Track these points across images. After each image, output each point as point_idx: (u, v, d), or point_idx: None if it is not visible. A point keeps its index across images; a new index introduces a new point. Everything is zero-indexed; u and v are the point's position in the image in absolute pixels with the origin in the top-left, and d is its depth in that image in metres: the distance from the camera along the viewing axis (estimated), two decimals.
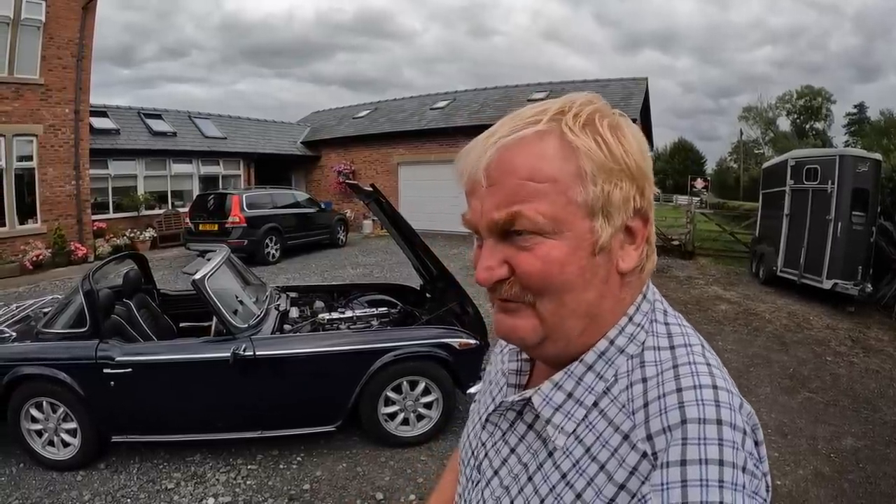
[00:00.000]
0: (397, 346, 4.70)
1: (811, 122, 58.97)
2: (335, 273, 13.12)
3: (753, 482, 0.69)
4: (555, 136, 0.77)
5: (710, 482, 0.66)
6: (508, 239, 0.79)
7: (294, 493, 4.25)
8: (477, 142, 0.82)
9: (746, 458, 0.69)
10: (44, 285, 11.74)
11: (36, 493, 4.24)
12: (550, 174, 0.76)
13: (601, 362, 0.82)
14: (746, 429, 0.72)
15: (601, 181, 0.76)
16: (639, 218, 0.82)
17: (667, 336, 0.83)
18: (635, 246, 0.83)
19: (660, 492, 0.68)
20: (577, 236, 0.77)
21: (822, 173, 10.26)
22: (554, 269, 0.77)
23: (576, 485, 0.77)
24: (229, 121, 24.00)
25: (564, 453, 0.81)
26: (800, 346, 7.63)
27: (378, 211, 5.19)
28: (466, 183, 0.83)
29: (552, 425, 0.83)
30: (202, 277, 4.53)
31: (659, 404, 0.74)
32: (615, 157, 0.77)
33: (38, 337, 4.64)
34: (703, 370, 0.76)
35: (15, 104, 13.82)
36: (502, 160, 0.77)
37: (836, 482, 4.35)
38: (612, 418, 0.78)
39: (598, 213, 0.77)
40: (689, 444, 0.68)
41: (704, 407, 0.71)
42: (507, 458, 0.91)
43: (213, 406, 4.61)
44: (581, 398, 0.82)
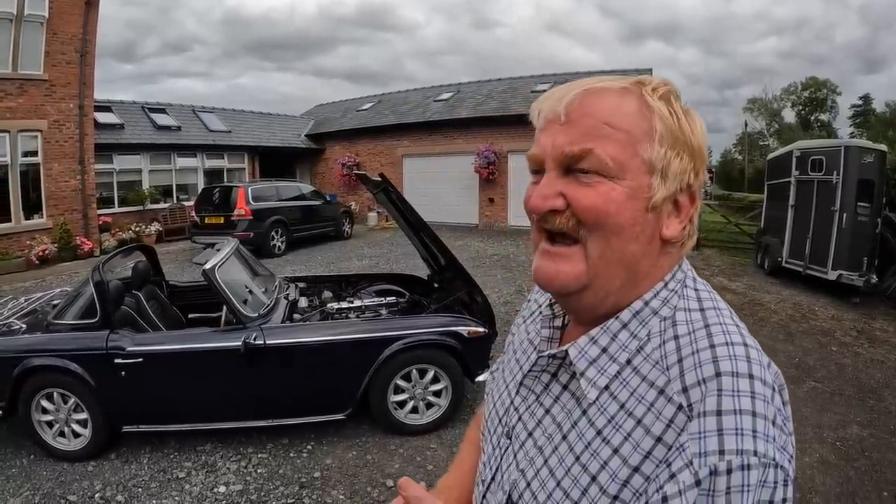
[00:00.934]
0: (406, 334, 4.72)
1: (816, 114, 58.65)
2: (341, 265, 13.13)
3: (782, 437, 0.72)
4: (635, 95, 0.84)
5: (745, 431, 0.69)
6: (571, 174, 0.84)
7: (305, 481, 4.27)
8: (559, 87, 0.87)
9: (776, 412, 0.73)
10: (50, 280, 11.80)
11: (47, 484, 4.26)
12: (626, 125, 0.82)
13: (635, 322, 0.86)
14: (775, 386, 0.76)
15: (667, 146, 0.82)
16: (687, 195, 0.87)
17: (697, 300, 0.87)
18: (679, 219, 0.87)
19: (697, 439, 0.70)
20: (636, 186, 0.82)
21: (827, 164, 10.21)
22: (611, 208, 0.81)
23: (612, 440, 0.79)
24: (233, 114, 24.01)
25: (599, 410, 0.83)
26: (805, 337, 7.64)
27: (386, 201, 5.19)
28: (542, 121, 0.88)
29: (586, 378, 0.86)
30: (212, 267, 4.55)
31: (693, 359, 0.77)
32: (683, 130, 0.84)
33: (49, 328, 4.66)
34: (734, 330, 0.81)
35: (19, 100, 13.81)
36: (584, 102, 0.83)
37: (842, 470, 4.36)
38: (645, 375, 0.81)
39: (658, 173, 0.83)
40: (724, 395, 0.72)
41: (737, 362, 0.75)
42: (542, 420, 0.93)
43: (223, 395, 4.63)
44: (615, 354, 0.85)
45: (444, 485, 1.23)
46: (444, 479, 1.25)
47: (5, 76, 13.50)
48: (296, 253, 15.07)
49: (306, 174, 25.39)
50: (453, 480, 1.22)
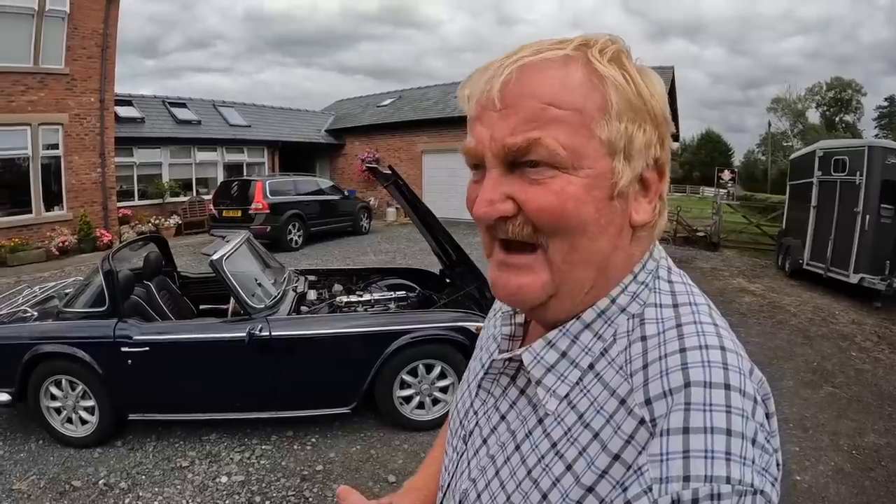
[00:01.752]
0: (414, 328, 4.69)
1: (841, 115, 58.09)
2: (357, 260, 13.15)
3: (764, 457, 0.62)
4: (581, 63, 0.71)
5: (717, 453, 0.59)
6: (517, 171, 0.72)
7: (307, 474, 4.27)
8: (491, 63, 0.75)
9: (757, 429, 0.62)
10: (69, 270, 11.89)
11: (53, 469, 4.31)
12: (575, 103, 0.69)
13: (600, 321, 0.76)
14: (757, 397, 0.65)
15: (626, 119, 0.70)
16: (655, 169, 0.75)
17: (670, 294, 0.76)
18: (648, 199, 0.76)
19: (658, 462, 0.61)
20: (596, 174, 0.70)
21: (850, 165, 10.03)
22: (569, 206, 0.69)
23: (566, 455, 0.71)
24: (254, 109, 24.14)
25: (556, 420, 0.74)
26: (824, 341, 7.48)
27: (397, 194, 5.18)
28: (474, 106, 0.75)
29: (543, 387, 0.77)
30: (220, 258, 4.57)
31: (660, 365, 0.67)
32: (642, 97, 0.71)
33: (59, 316, 4.71)
34: (710, 330, 0.70)
35: (41, 94, 14.01)
36: (522, 81, 0.70)
37: (857, 479, 4.25)
38: (608, 381, 0.71)
39: (620, 153, 0.71)
40: (693, 409, 0.61)
41: (711, 369, 0.64)
42: (497, 426, 0.84)
43: (228, 386, 4.64)
44: (576, 359, 0.75)
45: (410, 486, 1.17)
46: (410, 481, 1.19)
47: (27, 70, 13.70)
48: (313, 247, 15.11)
49: (326, 169, 25.49)
50: (420, 482, 1.16)
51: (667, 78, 19.06)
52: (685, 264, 12.96)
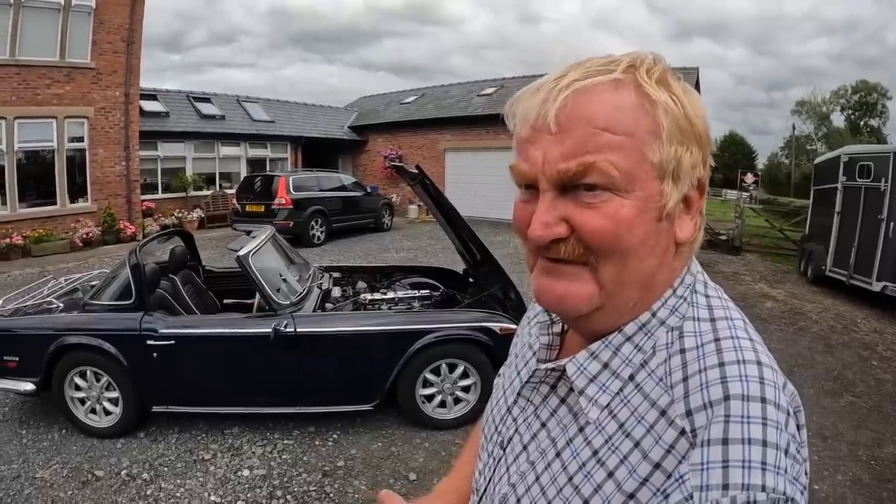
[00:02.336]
0: (438, 327, 4.69)
1: (866, 119, 57.35)
2: (379, 257, 13.19)
3: (795, 467, 0.65)
4: (632, 86, 0.72)
5: (753, 463, 0.62)
6: (570, 193, 0.73)
7: (328, 470, 4.29)
8: (542, 85, 0.75)
9: (789, 440, 0.65)
10: (92, 262, 12.03)
11: (76, 459, 4.36)
12: (628, 127, 0.70)
13: (641, 334, 0.78)
14: (790, 410, 0.68)
15: (675, 142, 0.72)
16: (698, 188, 0.77)
17: (707, 308, 0.78)
18: (690, 216, 0.78)
19: (699, 472, 0.63)
20: (647, 197, 0.72)
21: (875, 170, 9.83)
22: (623, 230, 0.71)
23: (608, 462, 0.72)
24: (277, 105, 24.23)
25: (597, 428, 0.76)
26: (845, 349, 7.39)
27: (423, 193, 5.17)
28: (526, 129, 0.75)
29: (585, 397, 0.79)
30: (246, 254, 4.60)
31: (700, 378, 0.69)
32: (689, 119, 0.73)
33: (85, 308, 4.77)
34: (747, 345, 0.72)
35: (67, 87, 14.20)
36: (576, 106, 0.71)
37: (875, 490, 4.20)
38: (648, 392, 0.73)
39: (669, 176, 0.73)
40: (732, 421, 0.64)
41: (749, 383, 0.67)
42: (537, 434, 0.86)
43: (252, 381, 4.66)
44: (618, 370, 0.77)
45: (441, 489, 1.18)
46: (442, 484, 1.20)
47: (53, 64, 13.90)
48: (335, 243, 15.16)
49: (348, 165, 25.52)
50: (451, 485, 1.17)
51: (691, 79, 18.89)
52: (707, 268, 12.61)
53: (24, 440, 4.63)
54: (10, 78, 13.19)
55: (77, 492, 3.95)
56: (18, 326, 4.74)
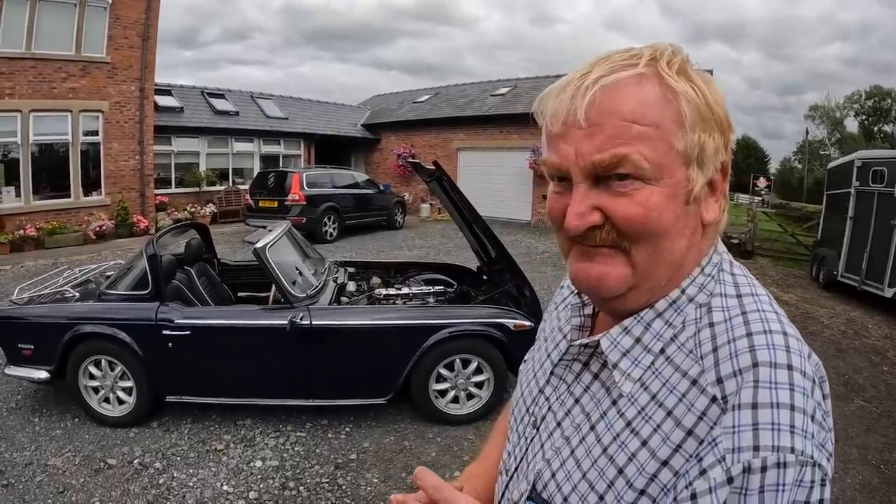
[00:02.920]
0: (452, 323, 4.69)
1: (880, 125, 56.93)
2: (391, 254, 13.21)
3: (821, 433, 0.68)
4: (654, 79, 0.75)
5: (783, 426, 0.64)
6: (602, 184, 0.77)
7: (340, 462, 4.29)
8: (569, 81, 0.78)
9: (815, 406, 0.68)
10: (105, 254, 12.10)
11: (88, 447, 4.39)
12: (654, 118, 0.74)
13: (671, 310, 0.81)
14: (815, 378, 0.71)
15: (699, 129, 0.75)
16: (722, 171, 0.81)
17: (734, 285, 0.82)
18: (715, 198, 0.81)
19: (731, 434, 0.66)
20: (675, 183, 0.76)
21: (889, 176, 9.76)
22: (653, 215, 0.75)
23: (641, 432, 0.75)
24: (291, 101, 24.33)
25: (629, 401, 0.79)
26: (856, 354, 7.36)
27: (439, 190, 5.17)
28: (558, 125, 0.78)
29: (619, 370, 0.82)
30: (263, 246, 4.61)
31: (729, 348, 0.72)
32: (710, 106, 0.76)
33: (101, 298, 4.79)
34: (773, 317, 0.75)
35: (82, 81, 14.28)
36: (605, 101, 0.74)
37: (885, 494, 4.18)
38: (679, 364, 0.76)
39: (694, 162, 0.76)
40: (761, 386, 0.67)
41: (776, 351, 0.70)
42: (571, 409, 0.89)
43: (266, 372, 4.68)
44: (649, 344, 0.81)
45: (469, 473, 1.20)
46: (470, 468, 1.22)
47: (69, 58, 13.98)
48: (347, 240, 15.20)
49: (361, 163, 25.54)
50: (479, 469, 1.19)
51: None
52: None
53: (36, 428, 4.65)
54: (25, 71, 13.25)
55: (89, 479, 3.97)
56: (34, 315, 4.76)
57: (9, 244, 12.55)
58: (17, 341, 4.68)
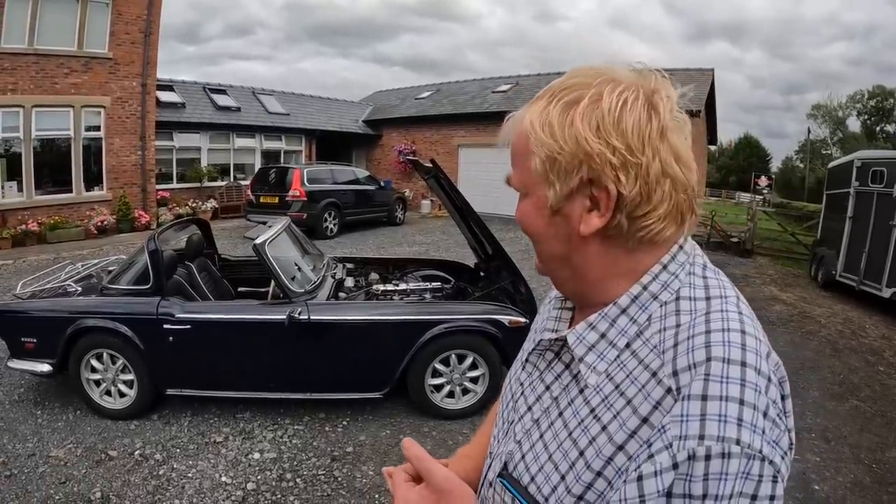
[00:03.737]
0: (448, 318, 4.75)
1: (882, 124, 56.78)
2: (391, 250, 13.27)
3: (775, 431, 0.71)
4: (523, 122, 0.90)
5: (730, 418, 0.68)
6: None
7: (337, 455, 4.36)
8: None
9: (769, 404, 0.71)
10: (107, 249, 12.17)
11: (90, 439, 4.46)
12: (518, 150, 0.91)
13: (634, 307, 0.87)
14: (772, 377, 0.74)
15: (543, 156, 0.85)
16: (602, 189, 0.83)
17: (704, 288, 0.86)
18: (600, 213, 0.84)
19: (679, 422, 0.70)
20: (537, 198, 0.89)
21: (888, 176, 9.78)
22: (525, 219, 0.93)
23: (602, 417, 0.81)
24: (292, 97, 24.34)
25: (595, 390, 0.85)
26: (852, 354, 7.40)
27: (437, 187, 5.23)
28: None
29: (585, 364, 0.88)
30: (263, 242, 4.67)
31: (687, 344, 0.77)
32: (555, 137, 0.84)
33: (103, 292, 4.86)
34: (734, 317, 0.79)
35: (84, 77, 14.33)
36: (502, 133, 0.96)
37: (875, 493, 4.21)
38: (643, 358, 0.81)
39: (547, 182, 0.87)
40: (712, 380, 0.71)
41: (731, 348, 0.74)
42: (541, 395, 0.95)
43: (265, 366, 4.75)
44: (614, 340, 0.86)
45: (461, 453, 1.26)
46: (463, 448, 1.28)
47: (71, 54, 14.03)
48: (348, 236, 15.27)
49: (362, 159, 25.55)
50: (471, 451, 1.24)
51: (706, 80, 18.86)
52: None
53: (39, 420, 4.72)
54: (27, 67, 13.29)
55: (90, 470, 4.04)
56: (37, 309, 4.83)
57: (10, 239, 12.62)
58: (21, 335, 4.75)
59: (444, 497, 0.89)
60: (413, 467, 0.95)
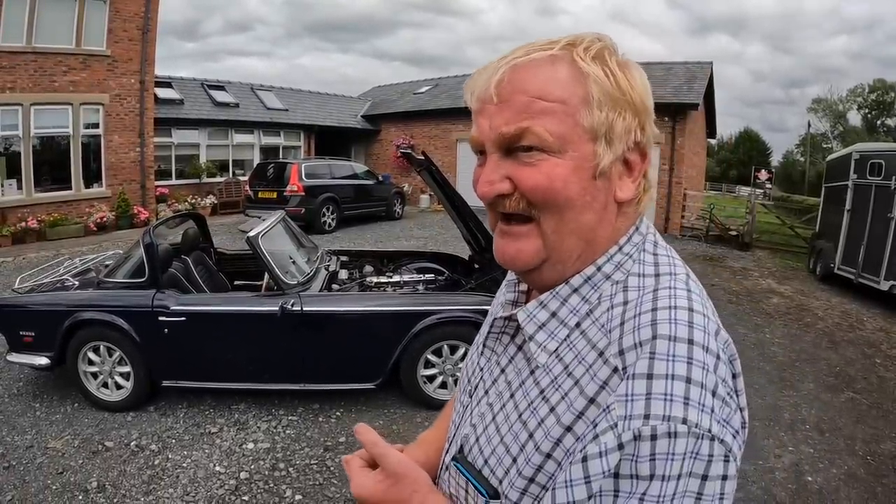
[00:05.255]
0: (440, 310, 4.80)
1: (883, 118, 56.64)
2: (389, 244, 13.30)
3: (725, 409, 0.70)
4: (566, 61, 0.81)
5: (675, 397, 0.67)
6: (512, 155, 0.83)
7: (329, 445, 4.43)
8: (490, 64, 0.86)
9: (718, 382, 0.71)
10: (106, 245, 12.20)
11: (87, 430, 4.53)
12: (560, 95, 0.79)
13: (587, 286, 0.86)
14: (721, 355, 0.74)
15: (607, 108, 0.80)
16: (637, 152, 0.85)
17: (653, 265, 0.86)
18: (632, 178, 0.86)
19: (624, 402, 0.69)
20: (581, 157, 0.80)
21: (886, 169, 9.77)
22: (557, 185, 0.80)
23: (551, 399, 0.80)
24: (291, 93, 24.36)
25: (545, 371, 0.84)
26: (849, 346, 7.39)
27: (430, 180, 5.27)
28: (476, 102, 0.87)
29: (535, 342, 0.87)
30: (256, 235, 4.74)
31: (633, 322, 0.76)
32: (622, 89, 0.81)
33: (100, 286, 4.92)
34: (682, 294, 0.79)
35: (83, 74, 14.37)
36: (514, 79, 0.81)
37: (870, 485, 4.22)
38: (591, 338, 0.81)
39: (601, 139, 0.81)
40: (658, 358, 0.71)
41: (677, 326, 0.73)
42: (497, 379, 0.95)
43: (259, 357, 4.81)
44: (565, 319, 0.86)
45: (422, 438, 1.25)
46: (424, 434, 1.27)
47: (70, 51, 14.07)
48: (346, 230, 15.34)
49: (361, 154, 25.59)
50: (432, 436, 1.24)
51: (704, 73, 18.83)
52: (715, 263, 12.97)
53: (37, 413, 4.79)
54: (26, 65, 13.32)
55: (87, 461, 4.10)
56: (35, 303, 4.90)
57: (11, 236, 12.67)
58: (19, 329, 4.81)
59: (398, 481, 0.90)
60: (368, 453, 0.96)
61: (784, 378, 6.08)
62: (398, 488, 0.90)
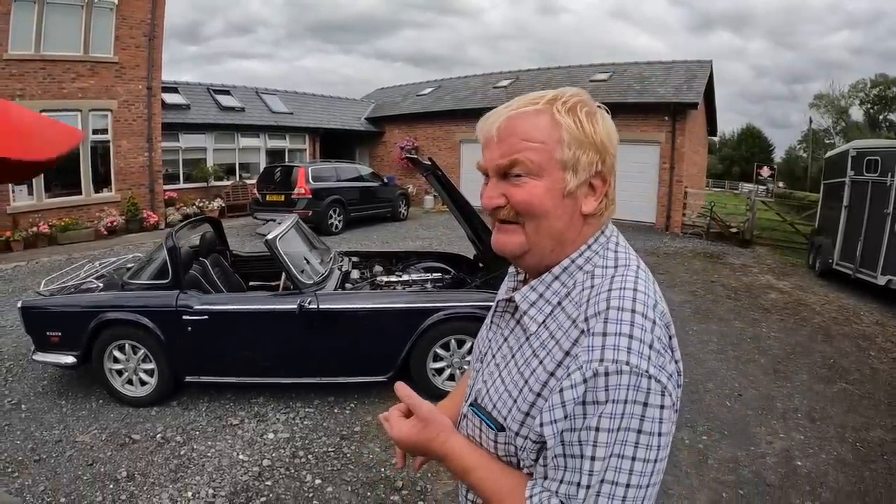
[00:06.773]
0: (447, 306, 5.03)
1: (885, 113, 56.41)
2: (395, 245, 13.44)
3: (660, 358, 1.00)
4: (547, 113, 1.11)
5: (621, 348, 0.97)
6: (506, 178, 1.14)
7: (345, 434, 4.66)
8: (494, 111, 1.17)
9: (654, 339, 1.00)
10: (117, 249, 12.42)
11: (113, 425, 4.75)
12: (540, 138, 1.10)
13: (565, 275, 1.16)
14: (657, 321, 1.04)
15: (574, 147, 1.10)
16: (599, 178, 1.15)
17: (614, 259, 1.16)
18: (595, 198, 1.16)
19: (586, 351, 1.00)
20: (554, 181, 1.11)
21: (882, 165, 9.88)
22: (535, 200, 1.11)
23: (539, 355, 1.10)
24: (295, 96, 24.48)
25: (536, 337, 1.14)
26: (845, 339, 7.55)
27: (435, 183, 5.47)
28: (483, 139, 1.17)
29: (528, 316, 1.17)
30: (274, 238, 4.98)
31: (596, 298, 1.06)
32: (586, 133, 1.11)
33: (124, 287, 5.14)
34: (630, 278, 1.09)
35: (91, 81, 14.58)
36: (508, 125, 1.12)
37: (858, 470, 4.37)
38: (568, 312, 1.11)
39: (570, 169, 1.11)
40: (610, 321, 1.01)
41: (624, 300, 1.03)
42: (501, 346, 1.24)
43: (278, 353, 5.05)
44: (549, 298, 1.16)
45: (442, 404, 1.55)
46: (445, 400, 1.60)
47: (77, 58, 14.29)
48: (352, 232, 15.51)
49: (365, 156, 25.76)
50: (449, 402, 1.56)
51: (704, 72, 18.93)
52: (716, 260, 13.11)
53: (63, 409, 5.00)
54: (35, 72, 13.54)
55: (115, 452, 4.32)
56: (61, 304, 5.10)
57: (22, 241, 12.85)
58: (46, 329, 5.02)
59: (427, 424, 1.19)
60: (404, 404, 1.25)
61: (778, 370, 6.25)
62: (428, 430, 1.18)
